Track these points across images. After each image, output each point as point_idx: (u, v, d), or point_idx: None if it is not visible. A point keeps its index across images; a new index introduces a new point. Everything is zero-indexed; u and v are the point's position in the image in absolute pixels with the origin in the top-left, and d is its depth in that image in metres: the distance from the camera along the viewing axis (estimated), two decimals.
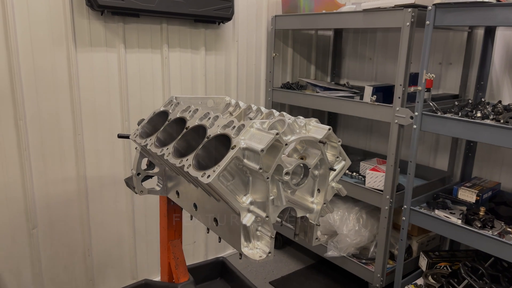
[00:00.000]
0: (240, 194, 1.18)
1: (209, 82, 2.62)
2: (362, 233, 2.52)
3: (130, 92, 2.30)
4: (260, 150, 1.08)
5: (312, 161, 1.23)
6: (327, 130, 1.22)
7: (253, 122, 1.17)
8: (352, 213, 2.58)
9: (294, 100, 2.75)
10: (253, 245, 1.20)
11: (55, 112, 2.07)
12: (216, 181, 1.09)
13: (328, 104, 2.51)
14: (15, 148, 1.98)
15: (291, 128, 1.18)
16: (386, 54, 2.97)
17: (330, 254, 2.55)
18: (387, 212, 2.26)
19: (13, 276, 2.08)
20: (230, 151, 1.12)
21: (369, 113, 2.28)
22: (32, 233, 2.10)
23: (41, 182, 2.09)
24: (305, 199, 1.29)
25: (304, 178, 1.23)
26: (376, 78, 3.04)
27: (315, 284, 2.69)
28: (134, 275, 2.52)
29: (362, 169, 2.70)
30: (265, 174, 1.11)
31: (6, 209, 2.01)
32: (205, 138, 1.25)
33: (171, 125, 1.44)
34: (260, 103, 2.94)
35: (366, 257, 2.53)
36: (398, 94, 2.12)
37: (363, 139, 3.19)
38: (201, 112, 1.38)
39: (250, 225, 1.17)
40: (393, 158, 2.20)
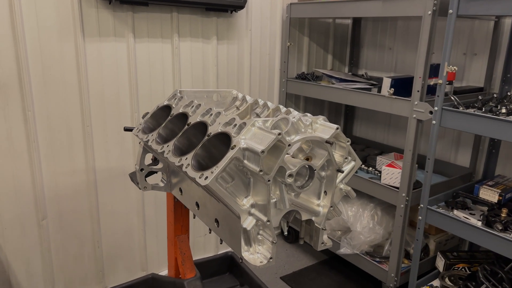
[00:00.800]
0: (240, 196, 1.12)
1: (221, 73, 2.55)
2: (376, 230, 2.43)
3: (140, 82, 2.25)
4: (260, 151, 1.01)
5: (318, 162, 1.15)
6: (335, 130, 1.14)
7: (254, 121, 1.11)
8: (366, 210, 2.50)
9: (309, 92, 2.66)
10: (254, 249, 1.14)
11: (63, 103, 2.04)
12: (213, 183, 1.04)
13: (344, 97, 2.41)
14: (24, 139, 1.97)
15: (296, 127, 1.10)
16: (407, 43, 2.83)
17: (343, 251, 2.48)
18: (402, 211, 2.17)
19: (23, 266, 2.10)
20: (229, 152, 1.06)
21: (385, 106, 2.18)
22: (41, 224, 2.10)
23: (50, 174, 2.08)
24: (310, 201, 1.22)
25: (309, 180, 1.16)
26: (396, 69, 2.92)
27: (326, 280, 2.63)
28: (144, 267, 2.51)
29: (378, 164, 2.61)
30: (266, 177, 1.05)
31: (16, 200, 2.01)
32: (206, 136, 1.19)
33: (173, 121, 1.38)
34: (274, 94, 2.86)
35: (380, 255, 2.45)
36: (417, 87, 2.01)
37: (381, 132, 3.08)
38: (203, 107, 1.32)
39: (251, 229, 1.11)
40: (410, 155, 2.10)
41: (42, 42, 1.93)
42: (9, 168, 1.96)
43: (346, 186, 1.26)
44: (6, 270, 2.06)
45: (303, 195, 1.20)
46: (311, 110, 3.12)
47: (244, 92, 2.71)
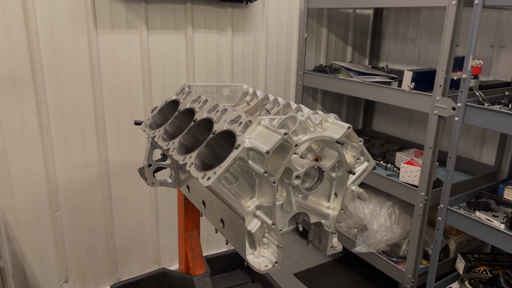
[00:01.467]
0: (245, 197, 1.07)
1: (236, 65, 2.50)
2: (393, 229, 2.36)
3: (153, 75, 2.22)
4: (265, 152, 0.96)
5: (328, 163, 1.09)
6: (346, 129, 1.07)
7: (261, 119, 1.05)
8: (384, 208, 2.42)
9: (326, 85, 2.58)
10: (259, 252, 1.10)
11: (76, 96, 2.03)
12: (216, 184, 0.99)
13: (362, 90, 2.32)
14: (37, 132, 1.97)
15: (304, 126, 1.05)
16: (431, 35, 2.71)
17: (358, 250, 2.41)
18: (421, 210, 2.09)
19: (37, 257, 2.12)
20: (233, 151, 1.01)
21: (405, 102, 2.09)
22: (55, 216, 2.11)
23: (63, 166, 2.08)
24: (319, 204, 1.16)
25: (318, 182, 1.10)
26: (419, 61, 2.80)
27: (341, 278, 2.58)
28: (157, 259, 2.51)
29: (397, 160, 2.52)
30: (271, 178, 0.99)
31: (30, 192, 2.02)
32: (211, 134, 1.15)
33: (180, 117, 1.34)
34: (290, 87, 2.79)
35: (397, 254, 2.38)
36: (440, 81, 1.91)
37: (401, 127, 2.98)
38: (210, 103, 1.27)
39: (255, 231, 1.07)
40: (430, 153, 2.00)
41: (54, 34, 1.91)
42: (23, 160, 1.97)
43: (358, 188, 1.19)
44: (20, 261, 2.08)
45: (312, 197, 1.14)
46: (329, 103, 3.03)
47: (260, 85, 2.65)
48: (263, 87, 2.66)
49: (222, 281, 2.15)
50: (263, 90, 2.67)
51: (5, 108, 1.87)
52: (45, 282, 2.17)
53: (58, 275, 2.20)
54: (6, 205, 1.97)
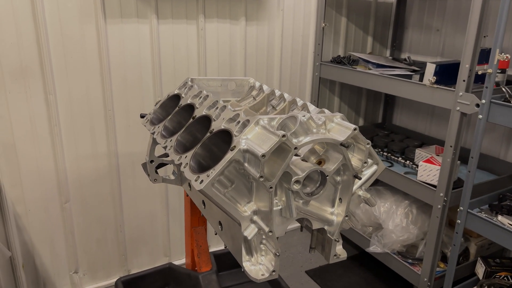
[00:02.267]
0: (242, 201, 1.01)
1: (249, 56, 2.42)
2: (410, 230, 2.25)
3: (163, 66, 2.17)
4: (260, 155, 0.89)
5: (332, 167, 1.02)
6: (352, 131, 0.99)
7: (259, 118, 0.98)
8: (400, 207, 2.32)
9: (343, 77, 2.47)
10: (256, 259, 1.04)
11: (85, 87, 2.01)
12: (209, 188, 0.93)
13: (379, 84, 2.21)
14: (46, 123, 1.96)
15: (305, 127, 0.97)
16: (458, 24, 2.55)
17: (372, 250, 2.33)
18: (439, 212, 1.98)
19: (47, 247, 2.13)
20: (228, 153, 0.95)
21: (425, 97, 1.97)
22: (64, 207, 2.11)
23: (72, 157, 2.07)
24: (323, 209, 1.09)
25: (321, 187, 1.03)
26: (443, 53, 2.65)
27: (354, 278, 2.50)
28: (167, 252, 2.50)
29: (417, 157, 2.40)
30: (268, 183, 0.93)
31: (39, 183, 2.02)
32: (208, 133, 1.09)
33: (180, 113, 1.29)
34: (307, 79, 2.70)
35: (413, 256, 2.28)
36: (463, 76, 1.78)
37: (423, 121, 2.84)
38: (210, 99, 1.21)
39: (252, 238, 1.01)
40: (451, 152, 1.89)
41: (63, 23, 1.88)
42: (32, 151, 1.96)
43: (365, 193, 1.11)
44: (30, 251, 2.09)
45: (315, 202, 1.07)
46: (347, 96, 2.92)
47: (274, 77, 2.57)
48: (278, 79, 2.58)
49: (229, 278, 2.11)
50: (278, 81, 2.58)
51: (14, 99, 1.86)
52: (55, 272, 2.18)
53: (68, 266, 2.21)
54: (16, 195, 1.98)
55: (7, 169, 1.93)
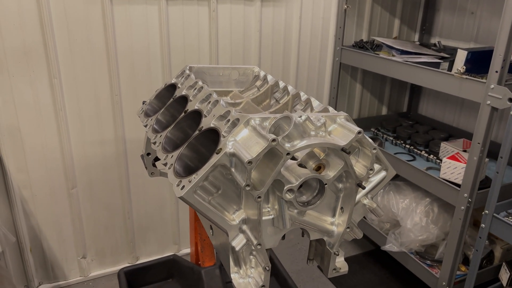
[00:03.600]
0: (230, 208, 0.92)
1: (264, 39, 2.28)
2: (430, 229, 2.11)
3: (173, 50, 2.07)
4: (246, 162, 0.79)
5: (332, 174, 0.90)
6: (355, 134, 0.87)
7: (250, 118, 0.87)
8: (420, 205, 2.17)
9: (364, 63, 2.31)
10: (245, 271, 0.95)
11: (90, 71, 1.94)
12: (190, 195, 0.84)
13: (403, 72, 2.04)
14: (51, 107, 1.91)
15: (301, 130, 0.85)
16: (494, 7, 2.32)
17: (388, 248, 2.20)
18: (462, 213, 1.83)
19: (54, 232, 2.11)
20: (213, 156, 0.85)
21: (452, 88, 1.79)
22: (71, 193, 2.08)
23: (78, 143, 2.02)
24: (321, 219, 0.98)
25: (319, 196, 0.91)
26: (477, 38, 2.43)
27: (369, 275, 2.39)
28: (176, 240, 2.45)
29: (442, 151, 2.24)
30: (256, 193, 0.83)
31: (45, 168, 1.99)
32: (197, 131, 0.99)
33: (173, 105, 1.19)
34: (326, 64, 2.54)
35: (432, 257, 2.14)
36: (496, 66, 1.60)
37: (451, 112, 2.64)
38: (204, 92, 1.11)
39: (240, 249, 0.91)
40: (478, 149, 1.72)
41: (66, 4, 1.80)
42: (37, 136, 1.93)
43: (371, 202, 0.99)
44: (38, 235, 2.09)
45: (313, 212, 0.96)
46: (370, 83, 2.75)
47: (291, 62, 2.43)
48: (295, 64, 2.44)
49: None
50: (295, 67, 2.44)
51: (18, 82, 1.81)
52: (62, 256, 2.18)
53: (76, 251, 2.20)
54: (22, 180, 1.96)
55: (13, 153, 1.90)
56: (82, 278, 2.25)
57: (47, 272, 2.17)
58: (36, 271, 2.14)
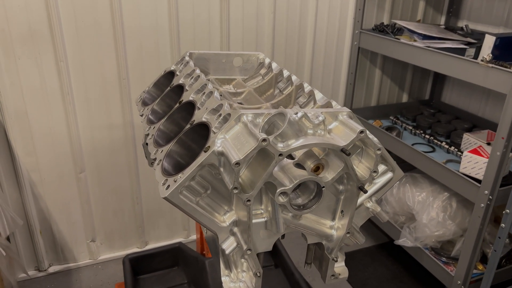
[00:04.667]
0: (220, 209, 0.86)
1: (279, 21, 2.18)
2: (447, 225, 2.01)
3: (182, 31, 2.00)
4: (234, 164, 0.72)
5: (330, 176, 0.83)
6: (357, 134, 0.79)
7: (241, 114, 0.80)
8: (438, 199, 2.07)
9: (384, 49, 2.18)
10: (236, 275, 0.89)
11: (97, 54, 1.89)
12: (175, 196, 0.78)
13: (424, 59, 1.91)
14: (58, 91, 1.88)
15: (297, 128, 0.78)
16: None
17: (401, 243, 2.12)
18: (482, 211, 1.72)
19: (63, 215, 2.12)
20: (201, 155, 0.79)
21: (477, 77, 1.66)
22: (79, 177, 2.07)
23: (86, 127, 2.00)
24: (320, 222, 0.91)
25: (316, 199, 0.84)
26: (508, 22, 2.25)
27: (381, 269, 2.32)
28: (186, 226, 2.43)
29: (464, 143, 2.11)
30: (245, 196, 0.76)
31: (53, 152, 1.98)
32: (188, 124, 0.92)
33: (170, 95, 1.13)
34: (344, 48, 2.42)
35: (448, 254, 2.04)
36: None
37: (476, 100, 2.50)
38: (200, 81, 1.04)
39: (230, 252, 0.86)
40: (502, 144, 1.60)
41: None
42: (45, 120, 1.91)
43: (375, 206, 0.92)
44: (47, 218, 2.09)
45: (311, 215, 0.89)
46: (391, 69, 2.62)
47: (307, 45, 2.32)
48: (311, 48, 2.33)
49: None
50: (311, 51, 2.34)
51: (24, 65, 1.79)
52: (72, 239, 2.19)
53: (85, 234, 2.21)
54: (30, 163, 1.95)
55: (20, 137, 1.89)
56: (91, 261, 2.26)
57: (57, 254, 2.19)
58: (47, 253, 2.15)
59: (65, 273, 2.20)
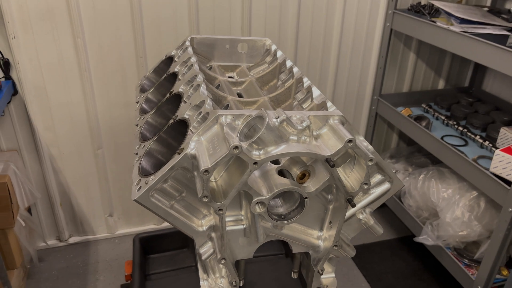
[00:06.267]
0: (198, 213, 0.81)
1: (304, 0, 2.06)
2: (472, 226, 1.88)
3: (201, 8, 1.93)
4: (202, 171, 0.67)
5: (314, 187, 0.75)
6: (345, 143, 0.70)
7: (219, 115, 0.74)
8: (465, 197, 1.93)
9: (417, 32, 2.01)
10: (214, 280, 0.85)
11: (115, 31, 1.86)
12: (146, 198, 0.74)
13: (459, 45, 1.74)
14: (76, 68, 1.88)
15: (277, 134, 0.70)
16: None
17: (422, 240, 2.01)
18: (509, 216, 1.58)
19: (82, 190, 2.16)
20: (174, 156, 0.74)
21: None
22: (97, 154, 2.09)
23: (103, 105, 2.00)
24: (306, 232, 0.84)
25: (298, 209, 0.78)
26: None
27: (398, 264, 2.22)
28: None
29: (500, 139, 1.95)
30: (216, 205, 0.71)
31: (71, 128, 2.00)
32: (172, 119, 0.87)
33: (164, 83, 1.07)
34: (376, 30, 2.26)
35: (472, 256, 1.92)
36: None
37: None
38: (192, 71, 0.97)
39: (207, 258, 0.81)
40: None
41: None
42: (63, 96, 1.92)
43: (368, 218, 0.84)
44: (67, 192, 2.15)
45: (296, 224, 0.83)
46: (427, 53, 2.43)
47: (334, 26, 2.18)
48: (339, 27, 2.19)
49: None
50: (339, 31, 2.20)
51: (42, 41, 1.79)
52: (90, 213, 2.24)
53: (103, 209, 2.25)
54: (50, 138, 1.99)
55: (40, 112, 1.92)
56: (109, 235, 2.32)
57: (77, 226, 2.25)
58: (67, 224, 2.22)
59: (84, 244, 2.27)
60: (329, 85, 2.32)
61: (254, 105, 0.98)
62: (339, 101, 2.40)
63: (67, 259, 2.17)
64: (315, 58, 2.23)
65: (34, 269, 2.08)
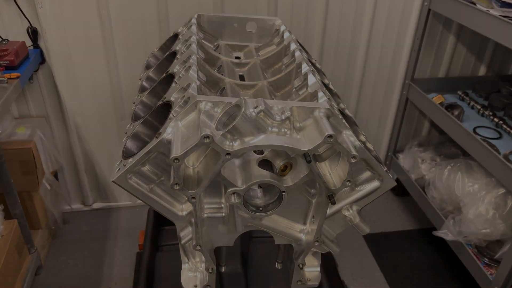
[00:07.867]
0: (180, 196, 0.81)
1: None
2: (496, 224, 1.77)
3: None
4: (172, 159, 0.66)
5: (292, 182, 0.73)
6: (324, 138, 0.66)
7: (198, 100, 0.72)
8: (491, 194, 1.81)
9: (457, 15, 1.86)
10: (195, 265, 0.86)
11: (138, 4, 1.86)
12: (123, 180, 0.75)
13: (497, 30, 1.60)
14: (100, 38, 1.90)
15: (254, 124, 0.68)
16: None
17: (441, 234, 1.93)
18: None
19: (105, 158, 2.23)
20: (153, 140, 0.73)
21: None
22: (120, 124, 2.14)
23: (127, 76, 2.02)
24: (289, 224, 0.82)
25: (277, 202, 0.75)
26: None
27: (416, 255, 2.15)
28: None
29: None
30: (188, 193, 0.70)
31: (96, 98, 2.05)
32: (160, 101, 0.86)
33: (164, 62, 1.06)
34: (412, 11, 2.12)
35: (493, 255, 1.82)
36: None
37: None
38: (189, 51, 0.95)
39: (186, 242, 0.82)
40: None
41: None
42: (88, 65, 1.96)
43: (354, 215, 0.80)
44: (91, 159, 2.22)
45: (277, 216, 0.81)
46: (469, 35, 2.26)
47: (366, 8, 2.06)
48: (372, 7, 2.07)
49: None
50: (371, 10, 2.08)
51: (67, 10, 1.82)
52: None
53: None
54: (75, 107, 2.05)
55: (66, 81, 1.97)
56: (131, 203, 2.39)
57: (100, 193, 2.34)
58: (91, 190, 2.31)
59: (106, 210, 2.36)
60: (359, 66, 2.22)
61: (252, 89, 0.95)
62: (368, 84, 2.30)
63: (90, 223, 2.27)
64: (345, 35, 2.13)
65: (59, 231, 2.19)
